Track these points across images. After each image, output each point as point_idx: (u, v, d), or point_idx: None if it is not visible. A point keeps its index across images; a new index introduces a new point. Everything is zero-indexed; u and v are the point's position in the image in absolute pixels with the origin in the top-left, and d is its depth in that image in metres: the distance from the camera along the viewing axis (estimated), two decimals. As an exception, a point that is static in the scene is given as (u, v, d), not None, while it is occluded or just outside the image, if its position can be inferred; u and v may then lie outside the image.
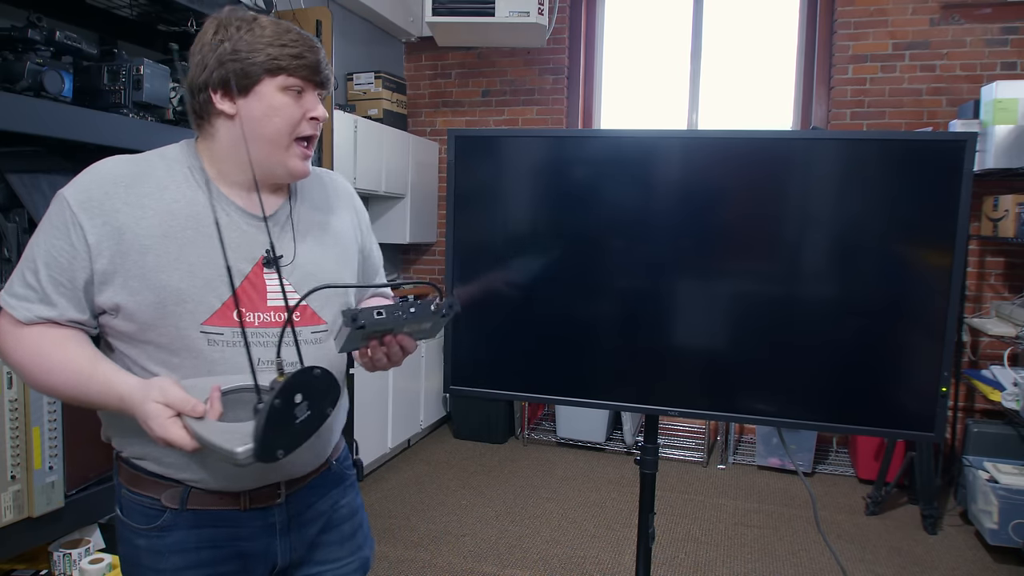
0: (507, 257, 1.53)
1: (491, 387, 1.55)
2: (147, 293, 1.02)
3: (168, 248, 1.03)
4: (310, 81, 1.08)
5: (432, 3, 3.89)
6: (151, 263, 1.02)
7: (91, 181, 1.04)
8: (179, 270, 1.03)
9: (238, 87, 1.05)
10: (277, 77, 1.05)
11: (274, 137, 1.07)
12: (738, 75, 4.41)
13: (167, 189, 1.06)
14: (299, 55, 1.06)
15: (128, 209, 1.03)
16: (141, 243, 1.02)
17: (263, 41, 1.05)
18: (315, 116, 1.09)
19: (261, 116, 1.06)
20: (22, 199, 1.65)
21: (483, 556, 2.89)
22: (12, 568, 1.81)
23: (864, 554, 2.98)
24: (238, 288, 1.05)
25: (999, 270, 3.84)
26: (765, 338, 1.40)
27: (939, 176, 1.29)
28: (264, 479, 1.12)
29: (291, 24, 1.10)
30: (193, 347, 1.04)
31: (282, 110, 1.06)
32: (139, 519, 1.11)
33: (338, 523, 1.26)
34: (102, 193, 1.03)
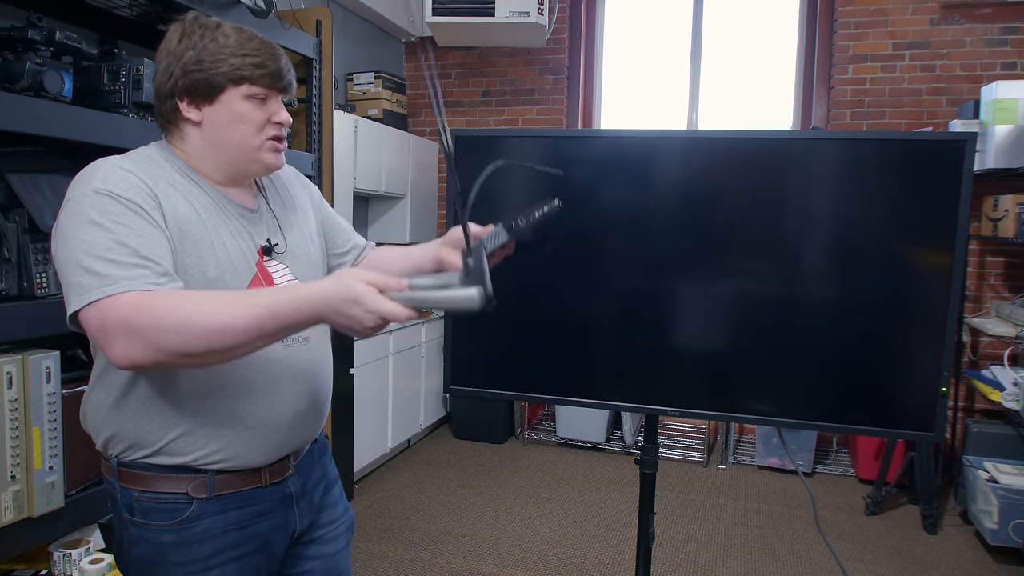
0: (506, 257, 1.53)
1: (491, 387, 1.55)
2: (185, 276, 1.06)
3: (201, 234, 1.09)
4: (272, 88, 1.13)
5: (432, 3, 3.89)
6: (189, 248, 1.08)
7: (113, 174, 1.04)
8: (213, 256, 1.10)
9: (203, 96, 1.10)
10: (240, 86, 1.10)
11: (241, 141, 1.13)
12: (738, 75, 4.41)
13: (175, 184, 1.11)
14: (261, 64, 1.11)
15: (163, 196, 1.07)
16: (181, 228, 1.07)
17: (226, 51, 1.09)
18: (278, 121, 1.15)
19: (227, 123, 1.12)
20: (22, 199, 1.65)
21: (483, 556, 2.88)
22: (12, 568, 1.81)
23: (864, 554, 2.98)
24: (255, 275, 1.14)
25: (999, 270, 3.84)
26: (765, 338, 1.40)
27: (939, 176, 1.29)
28: (279, 452, 1.19)
29: (253, 31, 1.15)
30: None
31: (246, 116, 1.12)
32: (161, 517, 1.13)
33: (329, 487, 1.36)
34: (137, 181, 1.05)
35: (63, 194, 1.57)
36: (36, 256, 1.68)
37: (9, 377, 1.58)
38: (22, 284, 1.66)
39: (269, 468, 1.19)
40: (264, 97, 1.13)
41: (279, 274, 1.18)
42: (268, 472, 1.19)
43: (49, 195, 1.70)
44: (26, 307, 1.63)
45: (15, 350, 1.64)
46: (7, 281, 1.64)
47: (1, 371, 1.56)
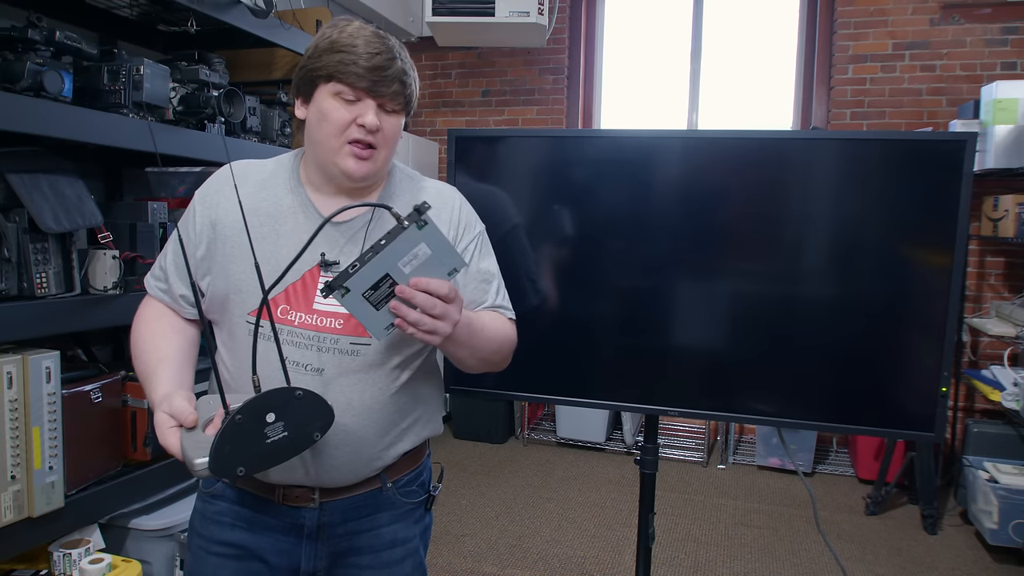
0: (507, 257, 1.53)
1: (491, 387, 1.55)
2: (220, 281, 1.14)
3: (242, 241, 1.10)
4: (360, 89, 1.07)
5: (432, 3, 3.89)
6: (228, 253, 1.13)
7: (215, 178, 1.20)
8: (245, 262, 1.10)
9: (305, 93, 1.12)
10: (329, 83, 1.08)
11: (324, 141, 1.10)
12: (738, 75, 4.41)
13: (264, 189, 1.16)
14: (354, 62, 1.06)
15: (226, 204, 1.15)
16: (224, 235, 1.14)
17: (325, 45, 1.09)
18: (363, 123, 1.08)
19: (315, 121, 1.11)
20: (22, 199, 1.64)
21: (483, 556, 2.88)
22: (12, 568, 1.81)
23: (864, 554, 2.98)
24: (288, 287, 1.11)
25: (999, 270, 3.84)
26: (765, 338, 1.40)
27: (939, 176, 1.29)
28: (290, 477, 1.15)
29: (376, 32, 1.10)
30: (239, 333, 1.13)
31: (330, 115, 1.09)
32: (204, 483, 1.23)
33: (378, 549, 1.21)
34: (215, 189, 1.18)
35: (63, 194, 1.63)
36: (36, 256, 1.68)
37: (9, 377, 1.58)
38: (22, 284, 1.66)
39: (285, 490, 1.16)
40: (354, 99, 1.08)
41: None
42: (283, 492, 1.16)
43: (49, 195, 1.70)
44: (26, 307, 1.63)
45: (15, 350, 1.64)
46: (7, 281, 1.64)
47: (1, 371, 1.56)
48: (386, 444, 1.18)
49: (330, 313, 1.11)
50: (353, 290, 0.95)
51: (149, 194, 2.23)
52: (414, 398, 1.20)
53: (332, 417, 1.00)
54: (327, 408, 0.98)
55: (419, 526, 1.28)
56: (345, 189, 1.15)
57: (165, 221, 2.02)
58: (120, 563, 1.84)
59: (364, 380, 1.13)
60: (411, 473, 1.26)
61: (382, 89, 1.08)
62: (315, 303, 1.11)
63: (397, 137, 1.16)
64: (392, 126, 1.12)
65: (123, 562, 1.85)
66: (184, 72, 2.11)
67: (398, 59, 1.09)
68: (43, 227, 1.66)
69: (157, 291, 1.22)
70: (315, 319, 1.11)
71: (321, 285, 1.07)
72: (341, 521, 1.19)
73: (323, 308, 1.11)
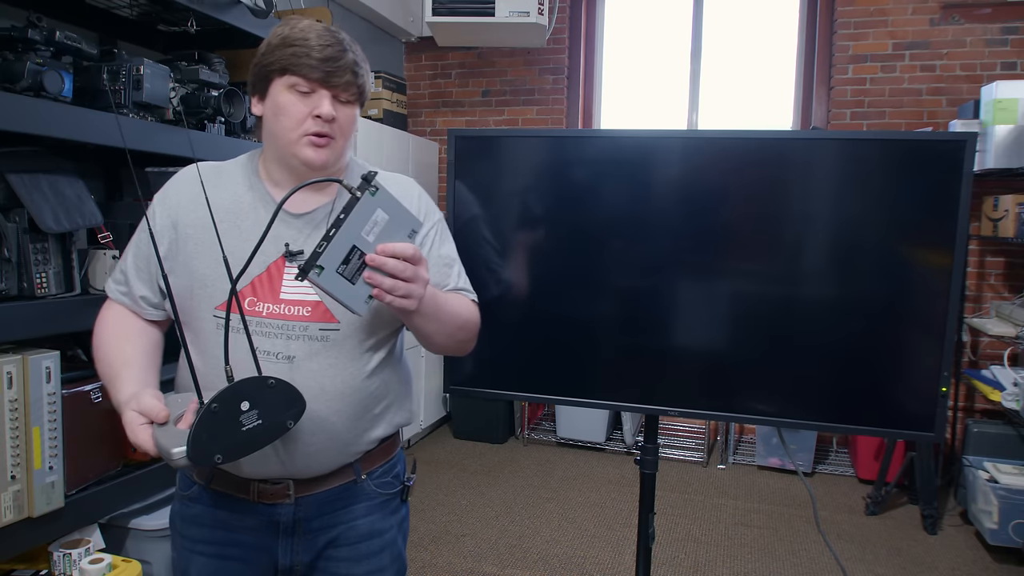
0: (507, 257, 1.53)
1: (491, 387, 1.55)
2: (184, 277, 1.14)
3: (203, 238, 1.14)
4: (315, 80, 1.09)
5: (432, 3, 3.89)
6: (190, 250, 1.15)
7: (174, 180, 1.22)
8: (208, 258, 1.12)
9: (261, 91, 1.14)
10: (284, 76, 1.10)
11: (282, 134, 1.12)
12: (738, 75, 4.41)
13: (221, 187, 1.18)
14: (306, 55, 1.08)
15: (186, 203, 1.17)
16: (186, 232, 1.15)
17: (277, 42, 1.11)
18: (319, 114, 1.10)
19: (272, 115, 1.13)
20: (22, 199, 1.64)
21: (483, 556, 2.88)
22: (12, 568, 1.81)
23: (864, 554, 2.98)
24: (254, 279, 1.12)
25: (999, 270, 3.84)
26: (765, 338, 1.40)
27: (939, 176, 1.29)
28: (265, 470, 1.15)
29: (324, 27, 1.12)
30: (206, 328, 1.13)
31: (287, 108, 1.10)
32: (181, 485, 1.26)
33: (353, 541, 1.22)
34: (174, 190, 1.20)
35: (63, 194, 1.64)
36: (36, 256, 1.68)
37: (9, 377, 1.58)
38: (22, 284, 1.66)
39: (260, 485, 1.16)
40: (309, 91, 1.10)
41: (292, 285, 1.13)
42: (258, 489, 1.16)
43: (49, 195, 1.70)
44: (26, 307, 1.63)
45: (15, 350, 1.64)
46: (7, 281, 1.64)
47: (1, 371, 1.56)
48: (360, 430, 1.19)
49: (297, 301, 1.13)
50: (327, 268, 0.96)
51: (149, 194, 2.23)
52: (385, 384, 1.21)
53: (304, 405, 1.02)
54: (299, 396, 1.01)
55: (395, 517, 1.28)
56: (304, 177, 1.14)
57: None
58: (120, 563, 1.84)
59: (335, 366, 1.14)
60: (385, 464, 1.27)
61: (335, 80, 1.10)
62: (282, 293, 1.13)
63: (353, 127, 1.17)
64: (347, 116, 1.14)
65: (123, 562, 1.85)
66: (184, 72, 2.11)
67: (349, 51, 1.12)
68: (43, 227, 1.66)
69: (118, 294, 1.22)
70: (283, 308, 1.12)
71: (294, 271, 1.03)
72: (317, 515, 1.19)
73: (290, 297, 1.13)
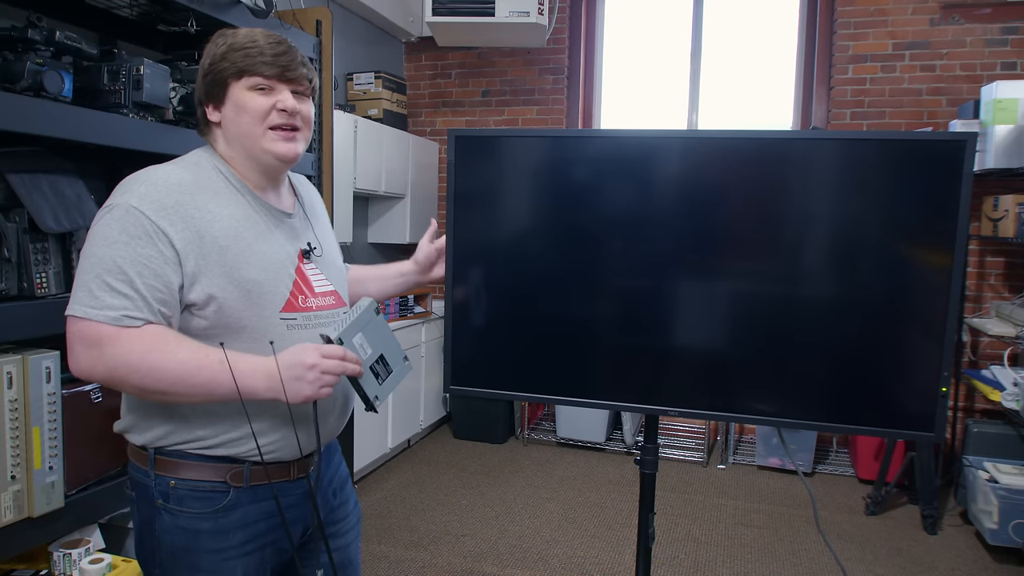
0: (507, 257, 1.53)
1: (491, 387, 1.55)
2: (232, 288, 1.13)
3: (240, 246, 1.15)
4: (272, 77, 1.16)
5: (432, 3, 3.89)
6: (231, 260, 1.13)
7: (156, 190, 1.11)
8: (254, 264, 1.16)
9: (217, 97, 1.18)
10: (242, 79, 1.16)
11: (247, 131, 1.17)
12: (738, 75, 4.41)
13: (219, 195, 1.17)
14: (259, 54, 1.15)
15: (200, 214, 1.12)
16: (219, 243, 1.13)
17: (231, 50, 1.16)
18: (283, 107, 1.16)
19: (233, 117, 1.17)
20: (22, 199, 1.64)
21: (483, 556, 2.88)
22: (12, 568, 1.82)
23: (864, 554, 2.98)
24: (295, 280, 1.22)
25: (999, 270, 3.84)
26: (765, 338, 1.40)
27: (939, 176, 1.29)
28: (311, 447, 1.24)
29: (264, 31, 1.20)
30: (275, 332, 1.16)
31: (247, 105, 1.16)
32: (200, 505, 1.17)
33: (341, 484, 1.40)
34: (173, 201, 1.11)
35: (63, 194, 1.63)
36: (36, 256, 1.68)
37: (9, 377, 1.58)
38: (22, 284, 1.66)
39: (298, 463, 1.24)
40: (267, 88, 1.16)
41: (316, 278, 1.26)
42: (296, 466, 1.24)
43: (49, 195, 1.70)
44: (26, 307, 1.63)
45: (15, 350, 1.64)
46: (7, 281, 1.64)
47: (1, 371, 1.56)
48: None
49: (326, 292, 1.28)
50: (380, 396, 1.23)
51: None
52: None
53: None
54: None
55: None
56: (273, 175, 1.24)
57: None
58: (120, 563, 1.84)
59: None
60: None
61: (290, 73, 1.17)
62: (316, 288, 1.25)
63: (312, 120, 1.25)
64: (307, 110, 1.22)
65: (123, 562, 1.85)
66: (184, 72, 2.11)
67: (296, 48, 1.20)
68: (43, 227, 1.66)
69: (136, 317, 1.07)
70: (324, 300, 1.27)
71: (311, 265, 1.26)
72: (325, 472, 1.35)
73: (321, 289, 1.27)
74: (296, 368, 1.08)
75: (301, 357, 1.08)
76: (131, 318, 1.06)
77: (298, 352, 1.09)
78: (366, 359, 1.18)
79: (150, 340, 1.07)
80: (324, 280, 1.28)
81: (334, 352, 1.10)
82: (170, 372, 1.06)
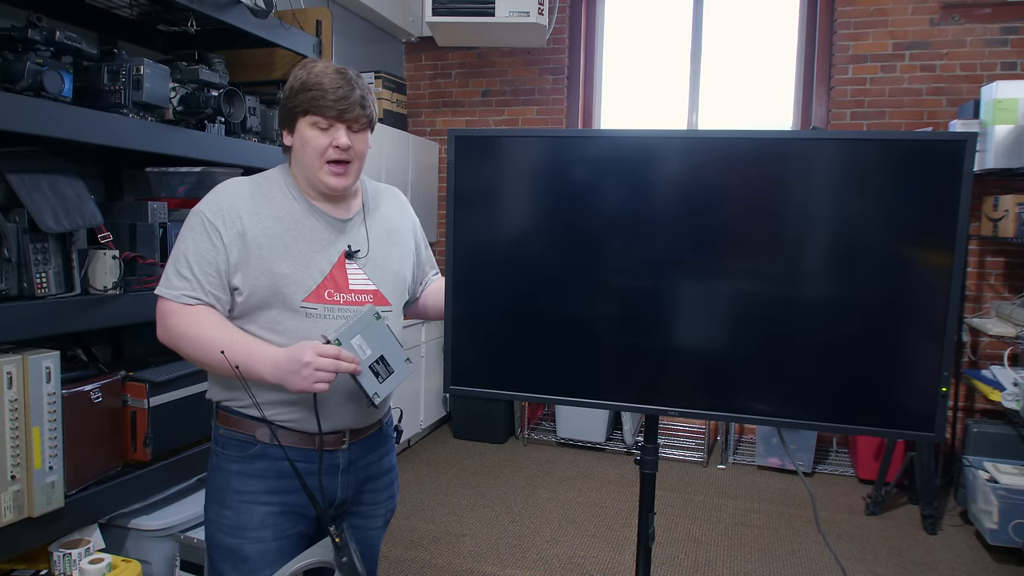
0: (507, 257, 1.53)
1: (491, 387, 1.55)
2: (263, 278, 1.36)
3: (276, 245, 1.38)
4: (332, 118, 1.36)
5: (432, 3, 3.89)
6: (266, 255, 1.37)
7: (220, 198, 1.39)
8: (285, 260, 1.37)
9: (289, 126, 1.42)
10: (306, 116, 1.37)
11: (308, 162, 1.40)
12: (738, 75, 4.41)
13: (273, 201, 1.41)
14: (322, 96, 1.34)
15: (247, 216, 1.38)
16: (258, 241, 1.37)
17: (298, 87, 1.37)
18: (337, 145, 1.37)
19: (299, 147, 1.40)
20: (22, 199, 1.65)
21: (483, 556, 2.89)
22: (12, 568, 1.82)
23: (864, 554, 2.99)
24: (326, 276, 1.40)
25: (999, 270, 3.84)
26: (765, 338, 1.40)
27: (939, 176, 1.29)
28: (333, 425, 1.43)
29: (336, 68, 1.38)
30: (294, 318, 1.38)
31: (310, 142, 1.38)
32: (234, 450, 1.43)
33: (379, 474, 1.56)
34: (228, 205, 1.38)
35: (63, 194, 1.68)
36: (36, 256, 1.68)
37: (9, 377, 1.58)
38: (22, 284, 1.66)
39: (324, 436, 1.41)
40: (327, 126, 1.37)
41: (355, 275, 1.44)
42: (322, 439, 1.40)
43: (49, 195, 1.71)
44: (26, 307, 1.64)
45: (15, 350, 1.64)
46: (7, 281, 1.64)
47: (1, 371, 1.57)
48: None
49: (362, 291, 1.44)
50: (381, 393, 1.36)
51: (149, 194, 2.23)
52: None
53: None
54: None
55: (395, 455, 1.64)
56: (329, 194, 1.44)
57: (165, 221, 2.02)
58: (120, 563, 1.84)
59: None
60: (389, 415, 1.63)
61: (347, 115, 1.36)
62: (350, 284, 1.43)
63: (366, 149, 1.44)
64: (360, 142, 1.41)
65: (123, 562, 1.85)
66: (184, 72, 2.11)
67: (357, 88, 1.37)
68: (43, 227, 1.66)
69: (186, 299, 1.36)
70: (355, 296, 1.43)
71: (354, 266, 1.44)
72: (362, 456, 1.51)
73: (357, 287, 1.44)
74: (294, 363, 1.27)
75: (300, 354, 1.26)
76: (189, 297, 1.35)
77: (299, 349, 1.27)
78: (365, 359, 1.32)
79: (198, 317, 1.35)
80: (365, 279, 1.45)
81: (328, 351, 1.26)
82: (203, 346, 1.33)
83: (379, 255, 1.49)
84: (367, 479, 1.53)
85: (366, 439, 1.51)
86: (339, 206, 1.46)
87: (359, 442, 1.50)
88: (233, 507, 1.42)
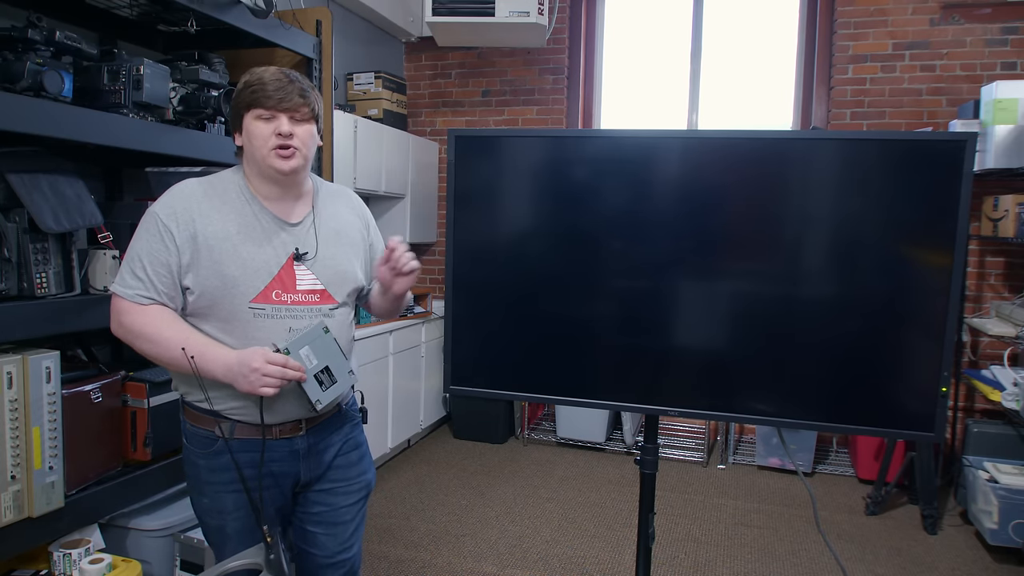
0: (507, 257, 1.53)
1: (491, 387, 1.55)
2: (213, 279, 1.41)
3: (226, 247, 1.42)
4: (273, 108, 1.42)
5: (432, 3, 3.89)
6: (216, 257, 1.41)
7: (174, 200, 1.44)
8: (235, 262, 1.42)
9: (236, 126, 1.48)
10: (250, 111, 1.44)
11: (256, 151, 1.44)
12: (738, 75, 4.41)
13: (226, 203, 1.46)
14: (262, 90, 1.41)
15: (200, 219, 1.43)
16: (208, 243, 1.42)
17: (240, 87, 1.45)
18: (279, 131, 1.42)
19: (247, 141, 1.46)
20: (22, 199, 1.65)
21: (483, 556, 2.89)
22: (12, 568, 1.82)
23: (864, 554, 2.99)
24: (274, 277, 1.45)
25: (999, 270, 3.84)
26: (765, 338, 1.40)
27: (939, 176, 1.29)
28: (289, 416, 1.49)
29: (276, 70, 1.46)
30: (243, 318, 1.43)
31: (255, 132, 1.43)
32: (200, 445, 1.51)
33: (346, 452, 1.63)
34: (182, 208, 1.43)
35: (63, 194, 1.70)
36: (36, 256, 1.68)
37: (9, 377, 1.58)
38: (22, 284, 1.66)
39: (279, 426, 1.49)
40: (269, 117, 1.42)
41: (303, 276, 1.48)
42: (279, 429, 1.49)
43: (49, 195, 1.71)
44: (26, 307, 1.64)
45: (15, 350, 1.64)
46: (7, 281, 1.64)
47: (1, 371, 1.57)
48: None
49: (309, 290, 1.49)
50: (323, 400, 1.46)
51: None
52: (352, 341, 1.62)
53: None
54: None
55: (363, 433, 1.70)
56: (283, 187, 1.49)
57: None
58: (120, 563, 1.84)
59: (339, 332, 1.51)
60: (352, 397, 1.68)
61: (286, 104, 1.42)
62: (297, 285, 1.47)
63: (311, 139, 1.48)
64: (305, 131, 1.46)
65: (123, 562, 1.85)
66: (184, 72, 2.11)
67: (297, 82, 1.45)
68: (43, 227, 1.66)
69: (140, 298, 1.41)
70: (302, 296, 1.48)
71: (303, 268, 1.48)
72: (323, 438, 1.57)
73: (304, 287, 1.48)
74: (244, 367, 1.36)
75: (250, 360, 1.35)
76: (143, 297, 1.40)
77: (249, 355, 1.36)
78: (311, 368, 1.42)
79: (151, 317, 1.40)
80: (313, 279, 1.49)
81: (276, 359, 1.36)
82: (158, 344, 1.40)
83: (327, 255, 1.52)
84: (334, 458, 1.60)
85: (324, 422, 1.57)
86: (290, 208, 1.51)
87: (317, 427, 1.55)
88: (208, 495, 1.52)
